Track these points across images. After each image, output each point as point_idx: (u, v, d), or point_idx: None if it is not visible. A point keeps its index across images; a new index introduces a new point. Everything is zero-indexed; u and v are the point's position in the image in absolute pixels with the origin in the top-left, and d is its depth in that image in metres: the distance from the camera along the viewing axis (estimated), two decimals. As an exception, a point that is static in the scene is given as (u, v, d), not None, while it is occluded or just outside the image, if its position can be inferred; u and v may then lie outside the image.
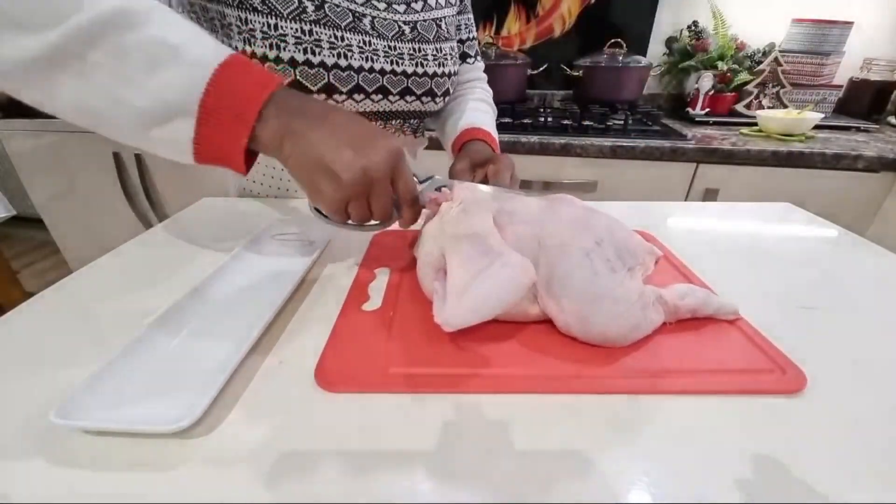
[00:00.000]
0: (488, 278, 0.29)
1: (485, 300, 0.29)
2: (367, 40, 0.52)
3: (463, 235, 0.32)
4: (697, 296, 0.34)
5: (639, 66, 1.34)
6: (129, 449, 0.24)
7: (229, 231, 0.52)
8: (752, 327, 0.34)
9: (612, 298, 0.30)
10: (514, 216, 0.34)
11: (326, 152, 0.32)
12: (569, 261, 0.32)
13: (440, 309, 0.30)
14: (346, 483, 0.23)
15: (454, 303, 0.29)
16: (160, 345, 0.31)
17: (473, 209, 0.33)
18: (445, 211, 0.35)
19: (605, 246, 0.32)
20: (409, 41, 0.56)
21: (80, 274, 0.43)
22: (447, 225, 0.33)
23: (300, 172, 0.33)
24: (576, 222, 0.34)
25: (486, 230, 0.32)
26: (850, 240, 0.51)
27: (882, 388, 0.29)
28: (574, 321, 0.31)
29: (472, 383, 0.29)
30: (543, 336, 0.33)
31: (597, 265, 0.31)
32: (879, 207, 1.10)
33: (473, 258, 0.31)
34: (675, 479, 0.23)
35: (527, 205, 0.36)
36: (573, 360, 0.31)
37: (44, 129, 1.41)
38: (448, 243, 0.32)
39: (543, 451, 0.24)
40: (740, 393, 0.28)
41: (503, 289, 0.29)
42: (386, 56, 0.54)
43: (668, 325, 0.33)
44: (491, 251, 0.31)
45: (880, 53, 1.38)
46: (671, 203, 0.63)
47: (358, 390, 0.28)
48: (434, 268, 0.34)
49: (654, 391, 0.28)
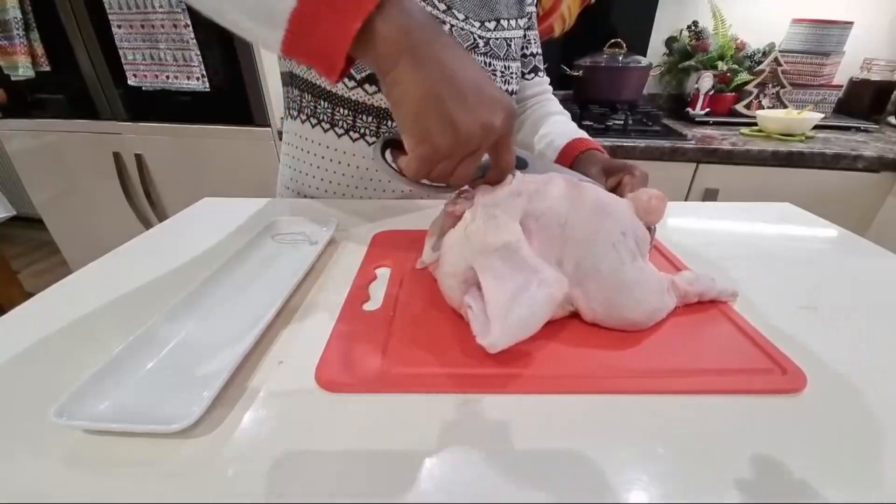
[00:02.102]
0: (528, 300, 0.30)
1: (527, 322, 0.30)
2: None
3: (492, 249, 0.31)
4: (703, 281, 0.37)
5: (639, 66, 1.34)
6: (129, 449, 0.24)
7: (229, 231, 0.52)
8: (752, 327, 0.34)
9: (637, 285, 0.33)
10: (541, 219, 0.33)
11: (449, 94, 0.26)
12: (596, 253, 0.33)
13: (483, 332, 0.29)
14: (347, 483, 0.23)
15: (499, 327, 0.29)
16: (160, 345, 0.31)
17: (499, 217, 0.32)
18: (469, 220, 0.33)
19: (628, 236, 0.34)
20: (482, 55, 0.57)
21: (80, 274, 0.43)
22: (473, 236, 0.32)
23: (408, 103, 0.27)
24: (599, 210, 0.34)
25: (515, 240, 0.31)
26: (850, 240, 0.51)
27: (881, 388, 0.29)
28: (601, 309, 0.33)
29: (472, 383, 0.29)
30: (545, 336, 0.33)
31: (623, 255, 0.33)
32: (879, 207, 1.10)
33: (507, 275, 0.30)
34: (675, 479, 0.23)
35: (552, 200, 0.34)
36: (574, 361, 0.31)
37: (44, 129, 1.41)
38: (477, 258, 0.31)
39: (544, 450, 0.24)
40: (740, 393, 0.28)
41: (543, 308, 0.30)
42: None
43: (678, 308, 0.36)
44: (525, 266, 0.31)
45: (880, 53, 1.38)
46: (671, 203, 0.63)
47: (358, 390, 0.28)
48: (460, 280, 0.33)
49: (654, 391, 0.28)
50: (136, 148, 1.38)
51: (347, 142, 0.59)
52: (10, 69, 1.31)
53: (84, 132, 1.39)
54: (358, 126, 0.58)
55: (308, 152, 0.61)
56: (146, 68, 1.27)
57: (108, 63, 1.29)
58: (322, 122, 0.59)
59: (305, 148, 0.62)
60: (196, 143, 1.34)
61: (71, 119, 1.39)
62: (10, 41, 1.28)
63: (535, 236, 0.33)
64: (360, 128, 0.58)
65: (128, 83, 1.29)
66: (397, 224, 0.52)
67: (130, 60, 1.27)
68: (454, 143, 0.27)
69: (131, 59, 1.27)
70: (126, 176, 1.43)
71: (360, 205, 0.60)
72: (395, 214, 0.56)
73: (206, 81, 1.23)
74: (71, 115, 1.38)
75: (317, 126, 0.59)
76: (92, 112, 1.37)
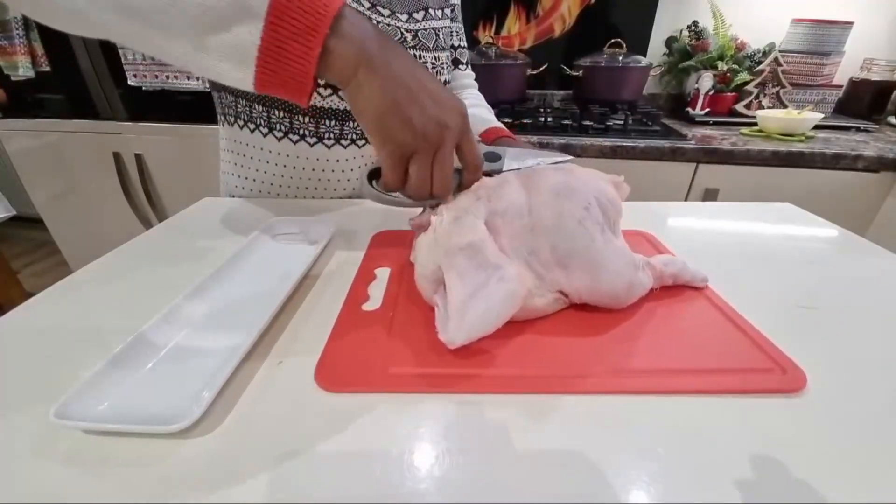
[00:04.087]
0: (487, 296, 0.30)
1: (485, 317, 0.30)
2: None
3: (457, 249, 0.32)
4: (677, 264, 0.39)
5: (639, 66, 1.34)
6: (129, 449, 0.24)
7: (229, 231, 0.52)
8: (752, 327, 0.34)
9: (611, 259, 0.34)
10: (506, 215, 0.35)
11: (405, 98, 0.30)
12: (566, 235, 0.34)
13: (443, 327, 0.30)
14: (347, 483, 0.23)
15: (456, 322, 0.29)
16: (160, 345, 0.31)
17: (464, 218, 0.33)
18: (437, 223, 0.34)
19: (592, 208, 0.35)
20: (411, 48, 0.57)
21: (80, 274, 0.43)
22: (440, 237, 0.33)
23: (370, 110, 0.30)
24: (557, 192, 0.35)
25: (479, 240, 0.32)
26: (850, 240, 0.51)
27: (881, 388, 0.29)
28: (584, 288, 0.34)
29: (472, 383, 0.29)
30: (544, 335, 0.33)
31: (591, 230, 0.34)
32: (879, 207, 1.10)
33: (470, 273, 0.31)
34: (675, 479, 0.23)
35: (510, 195, 0.35)
36: (574, 360, 0.31)
37: (44, 129, 1.41)
38: (443, 258, 0.32)
39: (543, 450, 0.24)
40: (740, 393, 0.28)
41: (502, 304, 0.31)
42: None
43: (654, 290, 0.37)
44: (487, 264, 0.32)
45: (880, 53, 1.38)
46: (671, 203, 0.63)
47: (358, 390, 0.28)
48: (431, 280, 0.34)
49: (654, 390, 0.28)
50: (136, 148, 1.38)
51: (288, 144, 0.59)
52: (10, 69, 1.31)
53: (84, 132, 1.39)
54: (296, 127, 0.58)
55: (250, 157, 0.61)
56: (146, 68, 1.27)
57: (108, 63, 1.29)
58: (260, 127, 0.59)
59: (247, 153, 0.61)
60: (196, 143, 1.34)
61: (71, 119, 1.39)
62: (10, 41, 1.28)
63: (503, 233, 0.34)
64: (297, 129, 0.58)
65: (128, 83, 1.29)
66: (397, 224, 0.52)
67: (130, 60, 1.27)
68: (413, 138, 0.31)
69: (131, 58, 1.27)
70: (126, 176, 1.43)
71: (359, 205, 0.60)
72: (395, 214, 0.56)
73: (206, 81, 1.23)
74: (71, 115, 1.39)
75: (255, 131, 0.59)
76: (92, 112, 1.37)
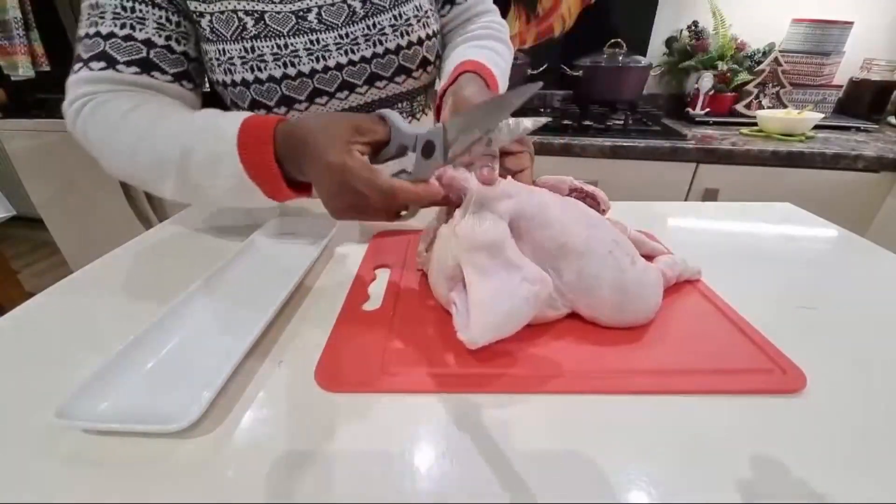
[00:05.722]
0: (510, 296, 0.30)
1: (508, 318, 0.30)
2: (315, 38, 0.49)
3: (479, 246, 0.31)
4: (678, 263, 0.39)
5: (639, 66, 1.34)
6: (129, 449, 0.24)
7: (229, 232, 0.52)
8: (752, 327, 0.34)
9: (643, 286, 0.34)
10: (533, 221, 0.33)
11: (321, 194, 0.36)
12: (595, 262, 0.33)
13: (463, 326, 0.30)
14: (346, 483, 0.23)
15: (479, 321, 0.29)
16: (160, 345, 0.31)
17: (488, 215, 0.32)
18: (458, 218, 0.33)
19: (621, 243, 0.35)
20: (362, 19, 0.51)
21: (80, 274, 0.43)
22: (460, 232, 0.32)
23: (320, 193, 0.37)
24: (588, 222, 0.35)
25: (501, 238, 0.31)
26: (850, 240, 0.51)
27: (882, 388, 0.29)
28: (609, 312, 0.34)
29: (472, 383, 0.29)
30: (544, 336, 0.33)
31: (621, 261, 0.34)
32: (879, 207, 1.10)
33: (492, 272, 0.30)
34: (675, 479, 0.23)
35: (542, 206, 0.34)
36: (574, 361, 0.31)
37: (44, 129, 1.41)
38: (463, 254, 0.31)
39: (543, 450, 0.24)
40: (740, 393, 0.28)
41: (525, 306, 0.30)
42: (338, 48, 0.50)
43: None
44: (510, 264, 0.31)
45: (880, 53, 1.38)
46: (671, 203, 0.63)
47: (358, 390, 0.28)
48: (447, 276, 0.33)
49: (654, 391, 0.28)
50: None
51: None
52: (10, 69, 1.31)
53: (84, 132, 1.39)
54: None
55: None
56: (146, 68, 1.27)
57: (108, 63, 1.29)
58: None
59: None
60: (196, 143, 1.34)
61: (71, 119, 1.39)
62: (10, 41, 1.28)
63: (525, 239, 0.33)
64: None
65: (128, 83, 1.29)
66: (397, 225, 0.52)
67: (130, 60, 1.27)
68: (356, 216, 0.36)
69: (131, 59, 1.26)
70: (126, 176, 1.43)
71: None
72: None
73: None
74: (71, 115, 1.38)
75: None
76: (92, 112, 1.37)
